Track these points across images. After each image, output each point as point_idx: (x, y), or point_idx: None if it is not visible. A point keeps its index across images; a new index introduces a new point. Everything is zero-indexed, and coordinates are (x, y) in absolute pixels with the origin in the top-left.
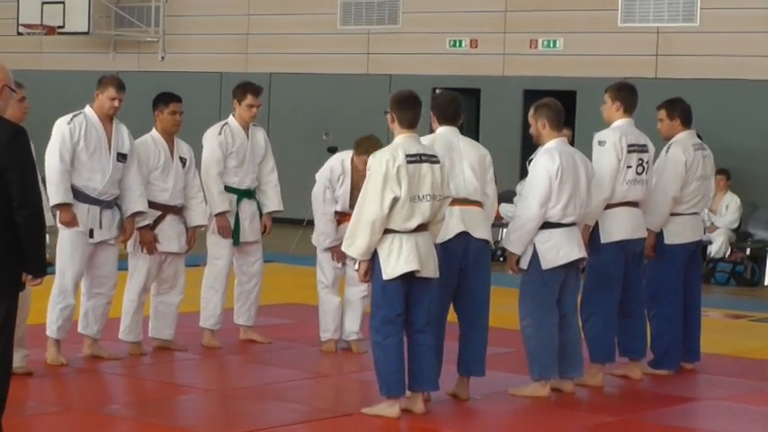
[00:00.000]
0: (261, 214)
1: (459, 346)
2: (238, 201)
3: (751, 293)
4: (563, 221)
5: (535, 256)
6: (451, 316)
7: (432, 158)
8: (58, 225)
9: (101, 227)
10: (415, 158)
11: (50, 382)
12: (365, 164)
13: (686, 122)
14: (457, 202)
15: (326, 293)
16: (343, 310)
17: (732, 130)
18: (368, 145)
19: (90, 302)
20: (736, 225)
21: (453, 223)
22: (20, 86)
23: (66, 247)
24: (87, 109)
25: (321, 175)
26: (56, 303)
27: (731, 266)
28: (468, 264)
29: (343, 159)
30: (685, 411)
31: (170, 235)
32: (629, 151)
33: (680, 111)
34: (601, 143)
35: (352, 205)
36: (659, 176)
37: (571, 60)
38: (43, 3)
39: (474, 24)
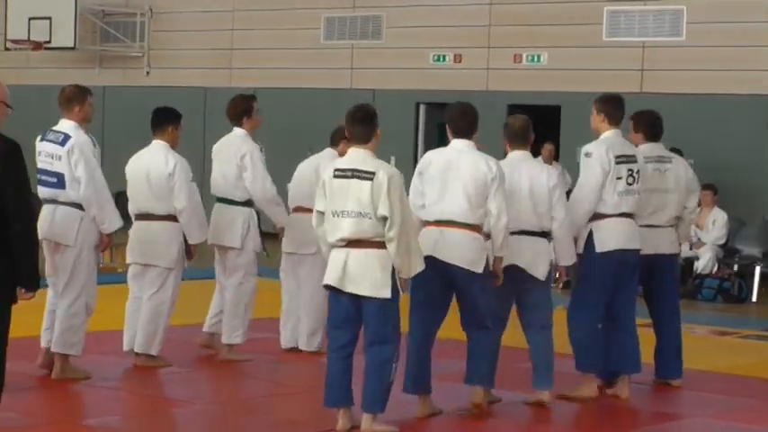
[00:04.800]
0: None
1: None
2: None
3: (738, 310)
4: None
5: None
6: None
7: (362, 175)
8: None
9: None
10: (345, 173)
11: (35, 395)
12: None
13: (650, 136)
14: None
15: None
16: None
17: (719, 144)
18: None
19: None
20: (723, 241)
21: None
22: None
23: (94, 269)
24: (79, 125)
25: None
26: (83, 322)
27: (718, 283)
28: (454, 289)
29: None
30: (669, 429)
31: None
32: (617, 162)
33: (644, 124)
34: (587, 155)
35: None
36: None
37: (556, 75)
38: (30, 18)
39: (458, 39)
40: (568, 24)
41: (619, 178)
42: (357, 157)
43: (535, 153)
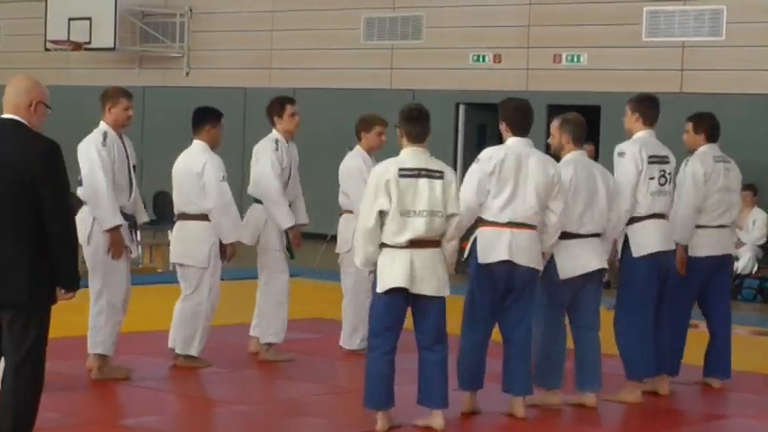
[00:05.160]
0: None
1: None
2: None
3: None
4: (580, 232)
5: (552, 265)
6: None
7: (431, 173)
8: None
9: (132, 242)
10: (412, 173)
11: (75, 396)
12: (378, 137)
13: (711, 138)
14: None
15: None
16: None
17: (758, 145)
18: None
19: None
20: (763, 241)
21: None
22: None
23: (113, 264)
24: (105, 126)
25: (357, 172)
26: (107, 320)
27: (758, 283)
28: (514, 290)
29: (361, 154)
30: (711, 429)
31: None
32: (650, 162)
33: (706, 126)
34: (620, 154)
35: None
36: (680, 190)
37: (595, 75)
38: (70, 19)
39: (498, 39)
40: (608, 25)
41: (651, 178)
42: (420, 156)
43: None
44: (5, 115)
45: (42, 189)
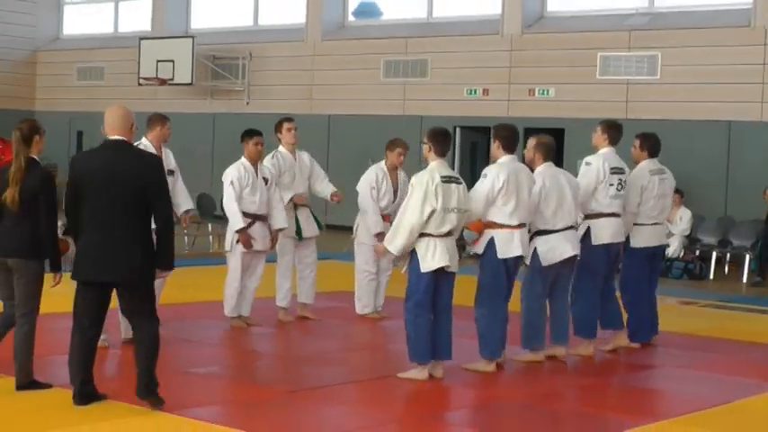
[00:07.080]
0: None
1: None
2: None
3: (699, 286)
4: (556, 228)
5: (535, 256)
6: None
7: (457, 180)
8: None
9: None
10: (447, 179)
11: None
12: (398, 156)
13: (652, 154)
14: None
15: (371, 280)
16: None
17: (685, 159)
18: (395, 143)
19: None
20: (688, 232)
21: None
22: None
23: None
24: (145, 141)
25: (367, 181)
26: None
27: (684, 265)
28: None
29: (380, 167)
30: (647, 376)
31: (257, 237)
32: (611, 173)
33: (648, 144)
34: (587, 164)
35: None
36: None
37: (560, 105)
38: (158, 61)
39: (486, 77)
40: (570, 66)
41: (611, 185)
42: (446, 166)
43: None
44: (114, 137)
45: (150, 193)
